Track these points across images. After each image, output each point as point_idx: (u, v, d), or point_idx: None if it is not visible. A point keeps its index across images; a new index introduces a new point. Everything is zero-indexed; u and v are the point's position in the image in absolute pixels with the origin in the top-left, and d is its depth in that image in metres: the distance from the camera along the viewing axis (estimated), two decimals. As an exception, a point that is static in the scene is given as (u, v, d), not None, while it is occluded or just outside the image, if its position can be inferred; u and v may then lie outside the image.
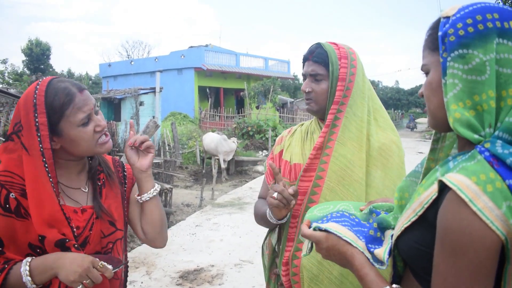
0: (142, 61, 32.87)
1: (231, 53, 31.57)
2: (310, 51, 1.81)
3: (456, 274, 0.85)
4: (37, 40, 36.18)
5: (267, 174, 1.98)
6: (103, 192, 1.58)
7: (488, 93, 0.90)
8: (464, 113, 0.92)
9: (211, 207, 8.91)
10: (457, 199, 0.84)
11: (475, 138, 0.92)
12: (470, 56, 0.91)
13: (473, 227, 0.82)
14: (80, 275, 1.32)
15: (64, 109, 1.42)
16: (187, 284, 4.82)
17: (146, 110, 16.94)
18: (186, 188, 11.97)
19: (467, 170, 0.87)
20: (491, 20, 0.91)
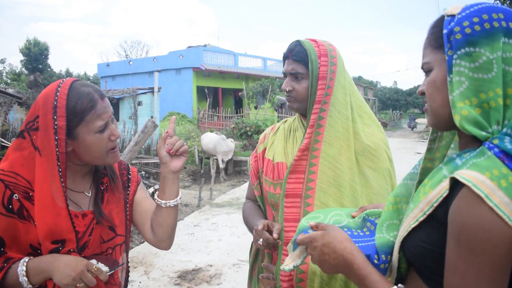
0: (141, 61, 32.89)
1: (230, 53, 31.60)
2: (290, 49, 1.78)
3: (476, 272, 0.83)
4: (35, 40, 36.13)
5: (251, 174, 1.97)
6: (105, 197, 1.57)
7: (495, 90, 0.90)
8: (471, 111, 0.91)
9: (210, 207, 8.91)
10: (472, 195, 0.83)
11: (482, 135, 0.91)
12: (477, 54, 0.91)
13: (491, 223, 0.81)
14: (74, 278, 1.32)
15: (85, 115, 1.42)
16: (185, 284, 4.82)
17: (144, 110, 16.93)
18: (184, 188, 11.96)
19: (479, 166, 0.86)
20: (497, 20, 0.91)
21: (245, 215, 1.97)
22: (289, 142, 1.87)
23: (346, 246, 1.08)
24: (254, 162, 1.98)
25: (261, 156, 1.96)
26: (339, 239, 1.10)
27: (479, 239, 0.82)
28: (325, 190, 1.69)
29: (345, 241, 1.10)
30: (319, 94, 1.72)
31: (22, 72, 36.28)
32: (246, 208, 2.00)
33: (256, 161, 1.98)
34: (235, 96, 32.13)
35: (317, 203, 1.68)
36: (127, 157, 5.44)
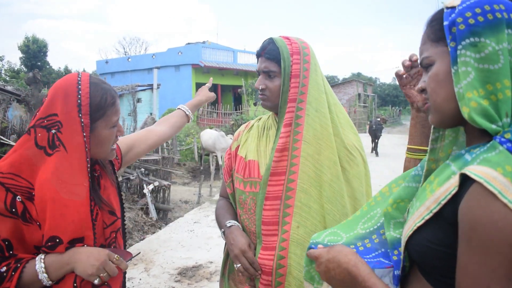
0: (139, 58, 32.81)
1: (229, 49, 31.53)
2: (263, 47, 1.77)
3: (489, 273, 0.80)
4: (33, 37, 36.04)
5: (224, 172, 1.96)
6: (101, 183, 1.58)
7: (503, 82, 0.87)
8: (480, 102, 0.88)
9: (209, 204, 8.90)
10: (485, 192, 0.80)
11: (493, 128, 0.88)
12: (483, 44, 0.88)
13: (505, 220, 0.77)
14: (98, 268, 1.34)
15: (108, 109, 1.46)
16: (185, 280, 4.82)
17: (143, 107, 16.95)
18: (184, 185, 11.98)
19: (490, 162, 0.83)
20: (499, 11, 0.89)
21: (217, 212, 1.95)
22: (262, 140, 1.85)
23: (350, 259, 1.07)
24: (228, 160, 1.97)
25: (234, 153, 1.94)
26: (344, 253, 1.09)
27: (493, 237, 0.78)
28: (306, 190, 1.66)
29: (350, 255, 1.08)
30: (293, 92, 1.70)
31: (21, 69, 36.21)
32: (219, 206, 1.98)
33: (230, 158, 1.96)
34: (234, 92, 32.10)
35: (298, 203, 1.66)
36: (126, 154, 5.43)
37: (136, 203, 7.57)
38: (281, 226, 1.66)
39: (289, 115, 1.70)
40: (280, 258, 1.64)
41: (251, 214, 1.75)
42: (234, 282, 1.86)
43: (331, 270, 1.09)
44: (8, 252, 1.34)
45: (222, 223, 1.84)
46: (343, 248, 1.12)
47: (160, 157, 9.62)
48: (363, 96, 38.96)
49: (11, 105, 15.01)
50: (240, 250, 1.67)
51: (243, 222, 1.80)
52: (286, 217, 1.66)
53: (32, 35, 36.16)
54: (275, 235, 1.67)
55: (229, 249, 1.74)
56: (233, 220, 1.82)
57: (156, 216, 7.49)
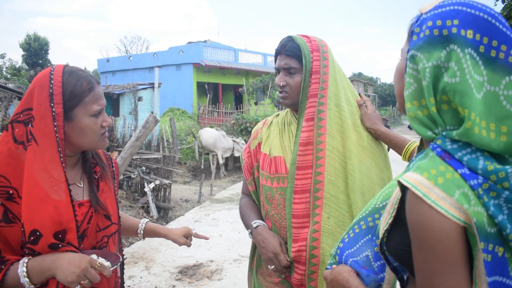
0: (141, 56, 32.84)
1: (230, 49, 31.53)
2: (282, 44, 1.81)
3: (429, 268, 0.86)
4: (35, 34, 36.05)
5: (245, 170, 2.00)
6: (100, 186, 1.58)
7: (429, 100, 0.91)
8: (417, 112, 0.94)
9: (210, 203, 8.92)
10: (414, 196, 0.87)
11: (428, 135, 0.94)
12: (418, 59, 0.92)
13: (432, 220, 0.84)
14: (78, 275, 1.30)
15: (84, 96, 1.44)
16: (186, 279, 4.83)
17: (144, 106, 16.95)
18: (184, 184, 11.97)
19: (420, 168, 0.90)
20: (448, 27, 0.88)
21: (241, 210, 2.01)
22: (284, 136, 1.88)
23: (343, 277, 1.18)
24: (248, 158, 1.99)
25: (255, 151, 1.97)
26: (341, 272, 1.20)
27: (425, 236, 0.85)
28: (333, 182, 1.72)
29: (344, 273, 1.19)
30: (313, 88, 1.76)
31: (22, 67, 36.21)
32: (242, 204, 2.03)
33: (250, 156, 1.99)
34: (235, 92, 32.11)
35: (327, 195, 1.71)
36: (128, 152, 5.43)
37: (137, 202, 7.57)
38: (311, 218, 1.72)
39: (310, 110, 1.76)
40: (312, 249, 1.69)
41: (281, 209, 1.79)
42: (263, 276, 1.92)
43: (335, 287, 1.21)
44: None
45: (248, 223, 1.90)
46: (341, 268, 1.22)
47: (161, 155, 9.62)
48: (364, 96, 38.94)
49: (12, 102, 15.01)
50: (273, 253, 1.74)
51: (272, 218, 1.83)
52: (316, 209, 1.71)
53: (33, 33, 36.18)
54: (305, 227, 1.72)
55: (260, 252, 1.79)
56: (258, 220, 1.87)
57: (156, 214, 7.49)
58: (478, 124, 0.84)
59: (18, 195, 1.36)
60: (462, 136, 0.87)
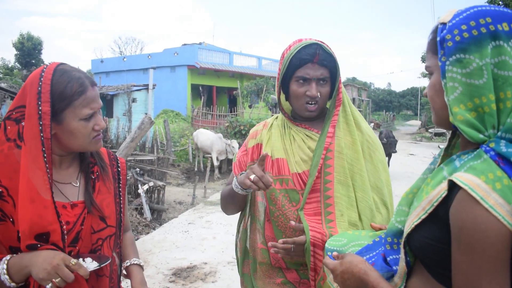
0: (135, 57, 32.77)
1: (225, 51, 31.56)
2: (313, 53, 1.75)
3: (477, 269, 0.89)
4: (28, 34, 35.82)
5: (236, 166, 1.98)
6: (97, 186, 1.53)
7: (488, 96, 0.94)
8: (466, 115, 0.96)
9: (204, 205, 8.89)
10: (469, 197, 0.88)
11: (480, 137, 0.96)
12: (468, 61, 0.95)
13: (487, 223, 0.86)
14: (49, 272, 1.27)
15: (74, 99, 1.39)
16: (180, 281, 4.80)
17: (138, 107, 16.90)
18: (178, 186, 11.94)
19: (475, 170, 0.91)
20: (484, 25, 0.95)
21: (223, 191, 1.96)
22: (286, 139, 1.89)
23: (360, 268, 1.15)
24: (243, 156, 1.99)
25: (252, 151, 1.97)
26: (354, 263, 1.18)
27: (477, 238, 0.87)
28: (342, 181, 1.75)
29: (360, 264, 1.17)
30: (340, 97, 1.83)
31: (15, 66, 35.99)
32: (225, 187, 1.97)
33: (246, 154, 1.98)
34: (229, 94, 32.12)
35: (337, 194, 1.74)
36: (123, 153, 5.41)
37: (130, 203, 7.54)
38: (324, 216, 1.73)
39: (335, 118, 1.81)
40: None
41: (286, 210, 1.78)
42: (262, 280, 1.88)
43: (347, 280, 1.18)
44: None
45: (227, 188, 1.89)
46: (353, 258, 1.20)
47: (156, 157, 9.59)
48: (358, 101, 39.17)
49: (5, 102, 14.92)
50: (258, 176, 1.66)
51: (277, 218, 1.81)
52: (328, 208, 1.73)
53: (27, 32, 35.95)
54: (319, 224, 1.72)
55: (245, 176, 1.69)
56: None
57: (150, 216, 7.46)
58: None
59: (8, 194, 1.35)
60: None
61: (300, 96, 1.79)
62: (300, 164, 1.81)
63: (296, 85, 1.79)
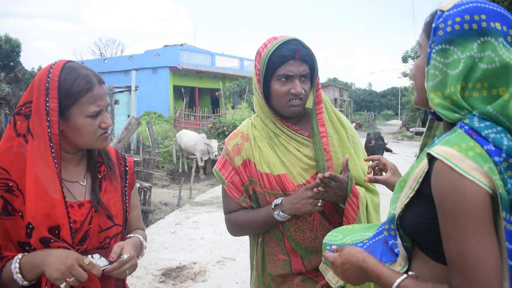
0: (116, 59, 32.48)
1: (207, 53, 31.53)
2: (294, 49, 1.69)
3: (462, 233, 0.95)
4: (6, 36, 35.15)
5: (232, 190, 1.85)
6: (103, 186, 1.55)
7: (455, 86, 1.01)
8: (441, 101, 1.05)
9: (190, 206, 8.89)
10: (445, 166, 0.96)
11: (456, 116, 1.03)
12: (451, 52, 1.03)
13: (464, 186, 0.93)
14: (63, 272, 1.29)
15: (81, 96, 1.41)
16: (170, 281, 4.80)
17: (121, 109, 16.76)
18: (163, 187, 11.87)
19: (449, 142, 1.00)
20: (477, 22, 1.01)
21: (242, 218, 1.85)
22: (278, 151, 1.81)
23: (358, 258, 1.20)
24: (234, 176, 1.85)
25: (243, 168, 1.84)
26: (352, 253, 1.22)
27: (458, 202, 0.94)
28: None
29: (358, 253, 1.21)
30: (319, 93, 1.80)
31: (-8, 69, 35.29)
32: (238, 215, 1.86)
33: (237, 174, 1.85)
34: (212, 96, 32.10)
35: None
36: (110, 154, 5.39)
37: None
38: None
39: (321, 116, 1.79)
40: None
41: (300, 222, 1.78)
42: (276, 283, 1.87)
43: (347, 270, 1.23)
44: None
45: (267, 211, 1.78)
46: (351, 249, 1.25)
47: (141, 158, 9.55)
48: (339, 101, 39.46)
49: (-16, 105, 14.66)
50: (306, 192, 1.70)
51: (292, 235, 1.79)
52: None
53: (5, 34, 35.32)
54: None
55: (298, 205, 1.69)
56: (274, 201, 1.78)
57: (136, 217, 7.42)
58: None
59: (18, 188, 1.36)
60: (498, 107, 0.96)
61: (283, 95, 1.72)
62: (302, 174, 1.77)
63: (278, 84, 1.72)
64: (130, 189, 1.69)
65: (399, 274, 1.11)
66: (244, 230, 1.90)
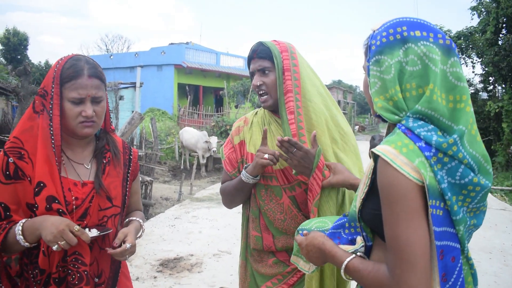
0: (122, 55, 32.70)
1: (212, 51, 31.66)
2: (253, 50, 1.99)
3: (396, 217, 1.11)
4: (14, 29, 35.37)
5: (227, 164, 2.15)
6: (106, 170, 1.74)
7: (395, 88, 1.19)
8: (384, 104, 1.21)
9: (190, 201, 9.07)
10: (383, 162, 1.13)
11: (395, 118, 1.20)
12: (382, 60, 1.21)
13: (397, 179, 1.10)
14: (55, 236, 1.46)
15: (66, 81, 1.61)
16: (167, 271, 4.98)
17: (125, 105, 16.99)
18: (164, 183, 12.07)
19: (388, 141, 1.17)
20: (399, 32, 1.20)
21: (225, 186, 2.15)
22: (268, 136, 2.01)
23: (319, 241, 1.40)
24: (231, 153, 2.15)
25: (239, 147, 2.13)
26: (315, 237, 1.42)
27: (392, 192, 1.11)
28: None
29: (319, 237, 1.41)
30: (288, 84, 1.94)
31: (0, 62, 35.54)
32: (225, 184, 2.16)
33: (233, 151, 2.14)
34: (216, 94, 32.21)
35: None
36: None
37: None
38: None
39: (290, 104, 1.92)
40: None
41: (273, 204, 1.99)
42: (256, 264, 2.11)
43: (310, 251, 1.43)
44: (4, 214, 1.56)
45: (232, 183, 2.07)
46: (315, 233, 1.45)
47: (144, 153, 9.73)
48: (343, 103, 39.56)
49: (-8, 97, 14.89)
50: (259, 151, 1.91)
51: (266, 212, 2.02)
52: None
53: (13, 28, 35.56)
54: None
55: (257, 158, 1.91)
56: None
57: (137, 211, 7.59)
58: (436, 92, 1.14)
59: (29, 156, 1.58)
60: (425, 103, 1.14)
61: (254, 88, 2.01)
62: (282, 161, 1.92)
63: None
64: (133, 176, 1.88)
65: (349, 254, 1.30)
66: (226, 196, 2.16)
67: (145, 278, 4.76)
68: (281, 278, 2.02)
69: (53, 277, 1.57)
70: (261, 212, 2.05)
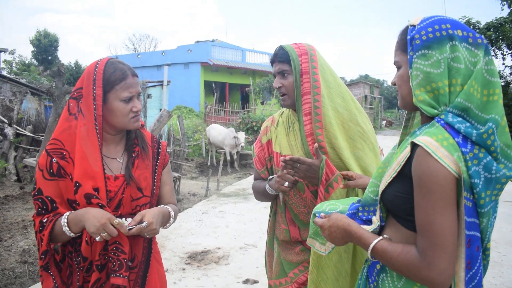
0: (149, 54, 33.19)
1: (237, 48, 31.81)
2: (275, 54, 2.13)
3: (432, 205, 1.19)
4: (45, 31, 36.37)
5: (256, 161, 2.32)
6: (136, 163, 1.88)
7: (444, 82, 1.27)
8: (424, 96, 1.29)
9: (217, 197, 9.24)
10: (424, 152, 1.20)
11: (435, 112, 1.29)
12: (430, 55, 1.28)
13: (437, 170, 1.18)
14: (98, 228, 1.63)
15: (116, 83, 1.77)
16: (195, 263, 5.14)
17: (153, 103, 17.30)
18: (192, 179, 12.29)
19: (429, 133, 1.24)
20: (445, 29, 1.28)
21: (256, 187, 2.33)
22: (290, 135, 2.17)
23: (344, 222, 1.46)
24: (260, 151, 2.30)
25: (266, 146, 2.28)
26: (339, 218, 1.48)
27: (431, 181, 1.19)
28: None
29: (343, 219, 1.48)
30: (306, 86, 2.05)
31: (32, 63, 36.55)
32: (256, 183, 2.36)
33: (262, 150, 2.29)
34: (241, 91, 32.37)
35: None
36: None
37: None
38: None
39: (307, 106, 2.05)
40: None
41: (297, 199, 2.13)
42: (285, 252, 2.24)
43: (333, 232, 1.49)
44: (51, 206, 1.73)
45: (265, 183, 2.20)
46: (338, 215, 1.51)
47: (172, 150, 9.94)
48: (370, 98, 39.06)
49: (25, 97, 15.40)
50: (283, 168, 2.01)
51: (292, 207, 2.17)
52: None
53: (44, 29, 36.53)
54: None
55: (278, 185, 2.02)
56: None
57: (166, 206, 7.78)
58: (473, 86, 1.24)
59: (69, 156, 1.75)
60: (464, 95, 1.25)
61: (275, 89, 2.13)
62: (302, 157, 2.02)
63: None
64: (161, 167, 2.02)
65: (376, 236, 1.38)
66: (256, 195, 2.35)
67: (174, 270, 4.93)
68: (306, 265, 2.13)
69: (95, 264, 1.73)
70: (286, 207, 2.19)
